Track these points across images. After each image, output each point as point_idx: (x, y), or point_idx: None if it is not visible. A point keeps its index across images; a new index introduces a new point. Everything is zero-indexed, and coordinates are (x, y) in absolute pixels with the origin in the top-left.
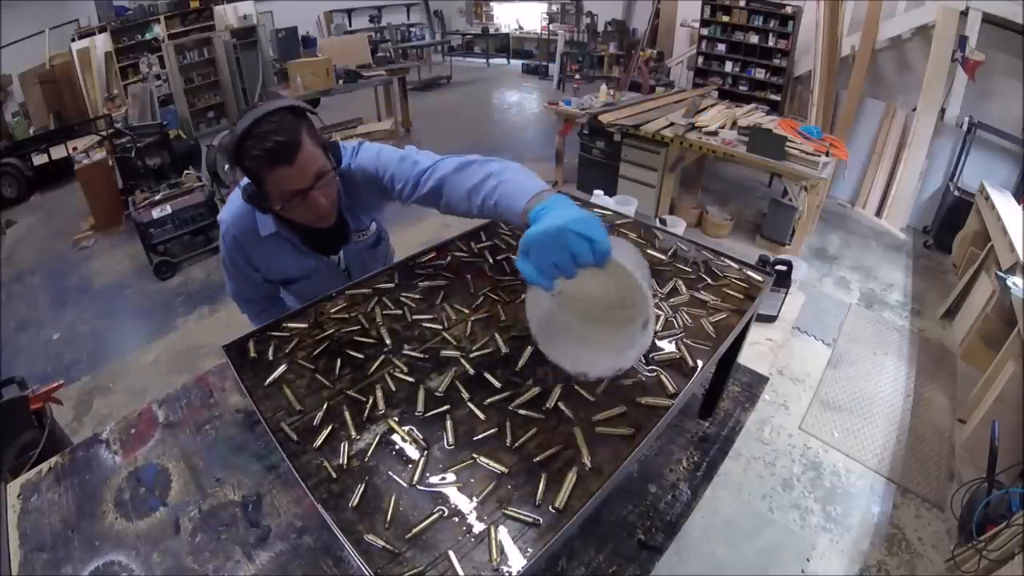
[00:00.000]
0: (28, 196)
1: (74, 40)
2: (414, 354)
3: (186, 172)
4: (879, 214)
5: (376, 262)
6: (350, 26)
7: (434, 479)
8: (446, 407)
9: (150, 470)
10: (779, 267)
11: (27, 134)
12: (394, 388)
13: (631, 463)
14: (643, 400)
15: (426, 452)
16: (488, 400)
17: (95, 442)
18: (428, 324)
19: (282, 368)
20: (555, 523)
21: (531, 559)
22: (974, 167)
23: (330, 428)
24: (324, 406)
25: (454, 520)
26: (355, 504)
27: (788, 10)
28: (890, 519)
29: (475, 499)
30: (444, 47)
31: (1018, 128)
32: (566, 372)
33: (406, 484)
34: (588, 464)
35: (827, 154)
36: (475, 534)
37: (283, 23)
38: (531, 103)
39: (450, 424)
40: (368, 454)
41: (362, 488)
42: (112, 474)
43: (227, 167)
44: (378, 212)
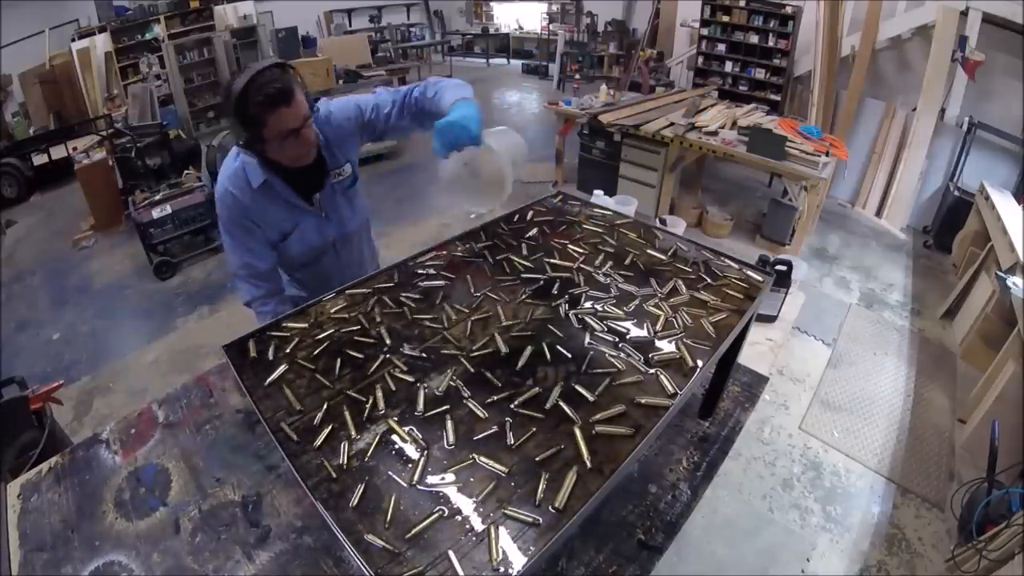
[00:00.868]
0: (28, 196)
1: (74, 40)
2: (414, 354)
3: (186, 172)
4: (879, 214)
5: (353, 213)
6: (350, 26)
7: (434, 479)
8: (446, 407)
9: (150, 470)
10: (779, 267)
11: (27, 134)
12: (394, 388)
13: (631, 463)
14: (643, 400)
15: (426, 452)
16: (488, 400)
17: (95, 442)
18: (428, 324)
19: (282, 368)
20: (555, 523)
21: (531, 559)
22: (974, 167)
23: (330, 428)
24: (324, 406)
25: (454, 520)
26: (355, 504)
27: (788, 10)
28: (890, 519)
29: (475, 499)
30: (444, 47)
31: (1018, 128)
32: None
33: (406, 484)
34: (588, 464)
35: (827, 154)
36: (475, 534)
37: (283, 23)
38: (531, 103)
39: (450, 424)
40: (368, 454)
41: (362, 488)
42: (112, 474)
43: (235, 127)
44: (352, 152)
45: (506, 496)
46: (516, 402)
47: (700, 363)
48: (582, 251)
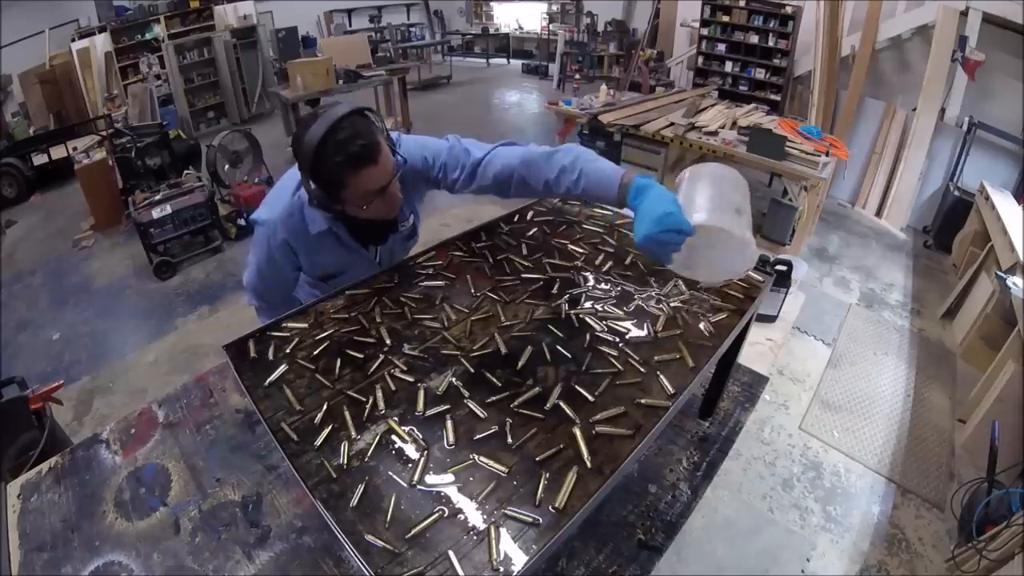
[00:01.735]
0: (28, 196)
1: (74, 40)
2: (414, 354)
3: (186, 172)
4: (879, 214)
5: (405, 254)
6: (350, 26)
7: (434, 479)
8: (446, 407)
9: (150, 470)
10: (779, 267)
11: (27, 134)
12: (394, 388)
13: (631, 463)
14: (643, 400)
15: (426, 452)
16: (488, 400)
17: (95, 442)
18: (428, 324)
19: (282, 368)
20: (555, 523)
21: (531, 559)
22: (974, 167)
23: (330, 428)
24: (324, 406)
25: (454, 520)
26: (355, 504)
27: (788, 10)
28: (890, 519)
29: (475, 499)
30: (444, 47)
31: (1018, 128)
32: (574, 369)
33: (406, 484)
34: (588, 464)
35: (827, 154)
36: (475, 534)
37: (283, 23)
38: (531, 103)
39: (450, 424)
40: (368, 454)
41: (362, 488)
42: (112, 474)
43: (307, 182)
44: (419, 202)
45: (506, 496)
46: (516, 402)
47: (700, 363)
48: (582, 251)
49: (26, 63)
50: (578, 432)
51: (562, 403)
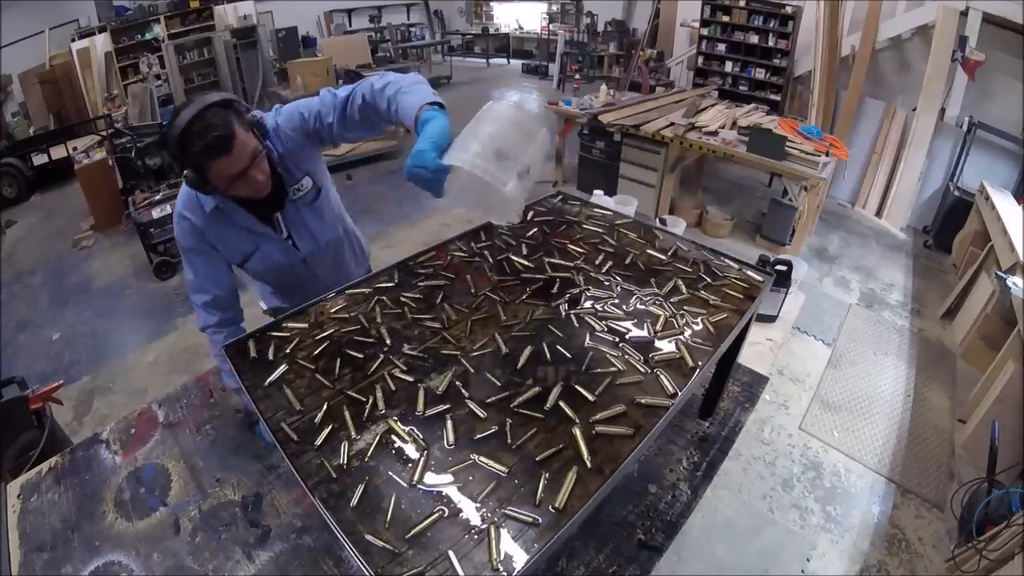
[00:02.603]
0: (28, 196)
1: (74, 40)
2: (414, 354)
3: (186, 172)
4: (879, 214)
5: (322, 224)
6: (350, 26)
7: (434, 479)
8: (446, 407)
9: (150, 470)
10: (779, 267)
11: (27, 134)
12: (394, 388)
13: (631, 463)
14: (643, 400)
15: (426, 452)
16: (488, 399)
17: (95, 442)
18: (428, 324)
19: (282, 368)
20: (555, 523)
21: (531, 559)
22: (974, 167)
23: (330, 428)
24: (324, 406)
25: (454, 520)
26: (355, 504)
27: (788, 10)
28: (890, 519)
29: (475, 499)
30: (444, 47)
31: (1018, 128)
32: (566, 372)
33: (406, 484)
34: (588, 464)
35: (827, 154)
36: (475, 534)
37: (283, 23)
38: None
39: (450, 424)
40: (368, 454)
41: (362, 488)
42: (112, 474)
43: (179, 166)
44: (309, 163)
45: (506, 496)
46: (516, 402)
47: (700, 363)
48: (582, 251)
49: (26, 63)
50: (578, 432)
51: (562, 403)
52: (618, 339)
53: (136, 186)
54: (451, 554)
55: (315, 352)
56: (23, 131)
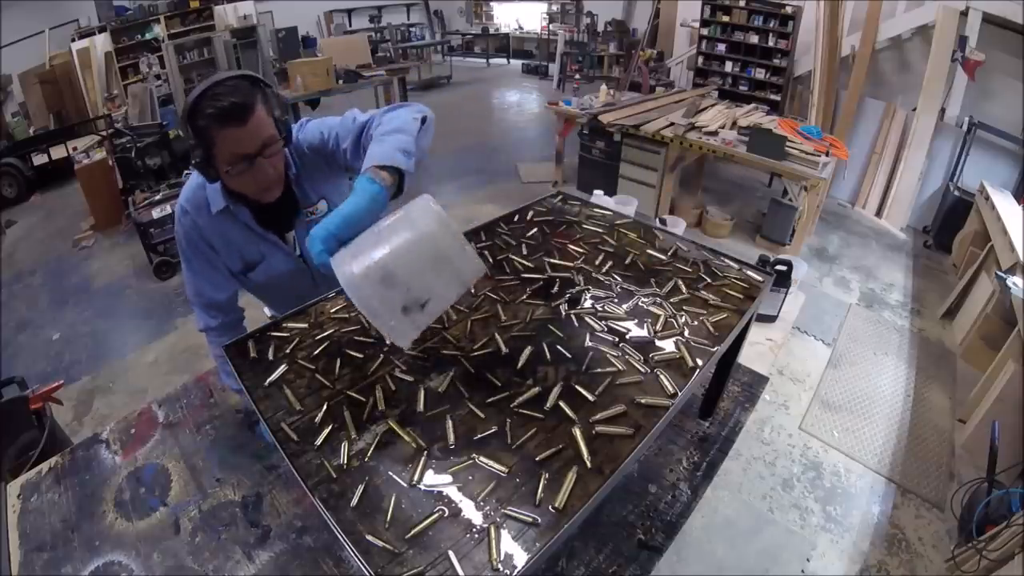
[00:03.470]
0: (28, 196)
1: (74, 40)
2: (414, 354)
3: (186, 172)
4: (879, 214)
5: None
6: (350, 26)
7: (434, 479)
8: (446, 407)
9: (150, 470)
10: (779, 267)
11: (27, 134)
12: (394, 388)
13: (631, 463)
14: (643, 400)
15: (426, 452)
16: (488, 400)
17: (95, 442)
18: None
19: (282, 368)
20: (555, 523)
21: (531, 559)
22: (974, 167)
23: (330, 428)
24: (324, 406)
25: (454, 520)
26: (355, 504)
27: (788, 10)
28: (890, 519)
29: (475, 499)
30: (444, 47)
31: (1018, 128)
32: (563, 372)
33: (406, 484)
34: (588, 464)
35: (827, 154)
36: (475, 534)
37: (283, 23)
38: (531, 103)
39: (450, 424)
40: (368, 454)
41: (362, 488)
42: (112, 474)
43: (186, 132)
44: (328, 187)
45: (506, 496)
46: (516, 402)
47: (700, 363)
48: (582, 251)
49: (26, 63)
50: (578, 432)
51: (562, 403)
52: (618, 339)
53: (136, 186)
54: (451, 554)
55: (315, 352)
56: (23, 131)
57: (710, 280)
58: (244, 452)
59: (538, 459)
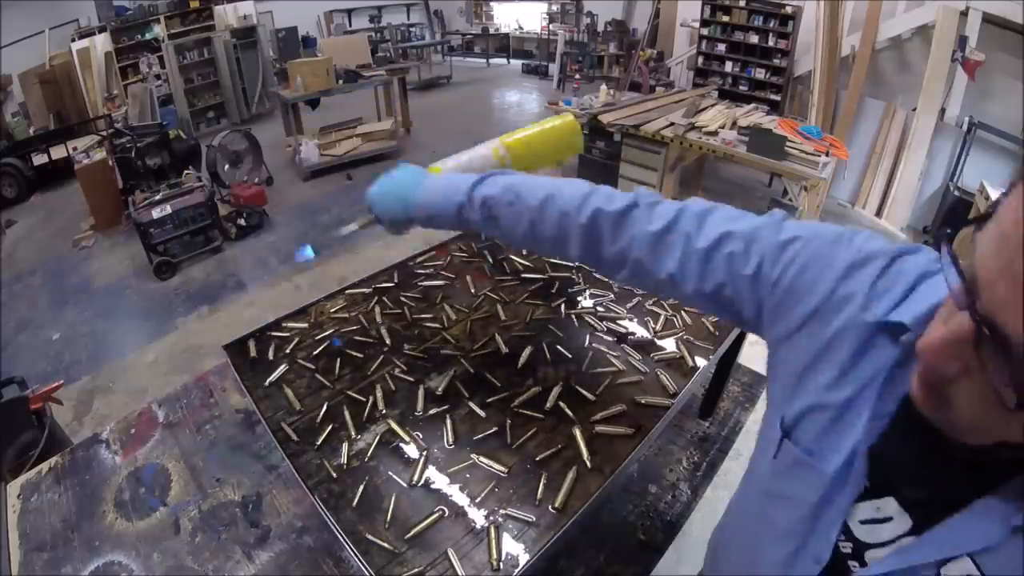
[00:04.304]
0: (28, 196)
1: (74, 40)
2: (414, 354)
3: (186, 172)
4: (879, 214)
5: None
6: (350, 26)
7: (434, 479)
8: (446, 407)
9: (150, 470)
10: None
11: (27, 134)
12: (394, 388)
13: (631, 463)
14: (643, 400)
15: (426, 452)
16: (488, 400)
17: (95, 442)
18: (428, 324)
19: (282, 368)
20: (555, 523)
21: (531, 559)
22: (974, 167)
23: (330, 428)
24: (324, 406)
25: (454, 520)
26: (355, 504)
27: (788, 10)
28: None
29: (475, 499)
30: (444, 47)
31: (1018, 128)
32: (564, 372)
33: (406, 484)
34: (588, 464)
35: (827, 154)
36: (475, 534)
37: (283, 23)
38: (531, 103)
39: (450, 424)
40: (368, 454)
41: (362, 488)
42: (112, 474)
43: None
44: None
45: (506, 496)
46: (516, 402)
47: (700, 363)
48: None
49: (26, 63)
50: (578, 432)
51: (562, 403)
52: (618, 339)
53: (136, 186)
54: (451, 554)
55: (315, 352)
56: (23, 131)
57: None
58: (244, 452)
59: (538, 459)
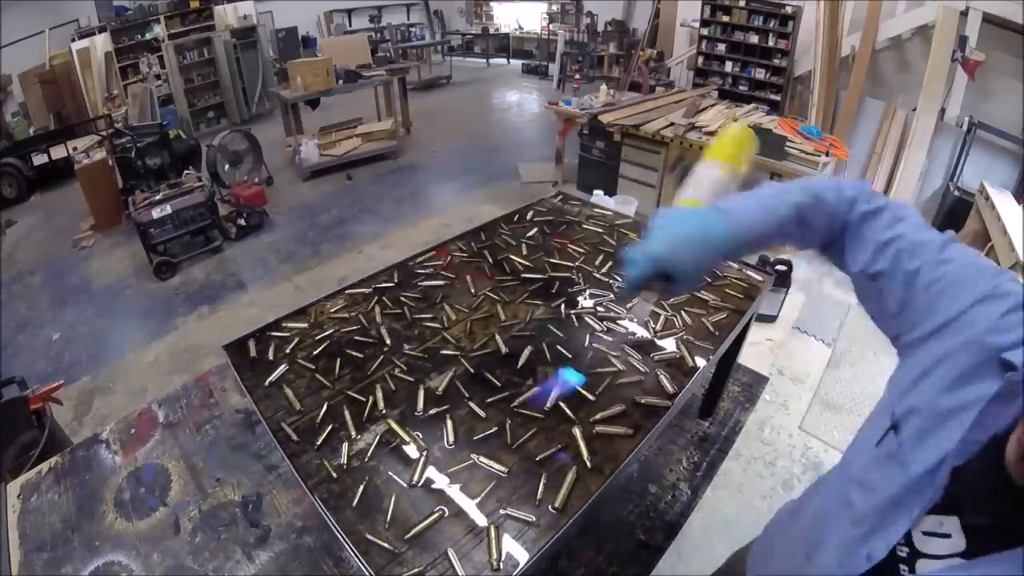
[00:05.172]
0: (28, 196)
1: (74, 40)
2: (414, 354)
3: (186, 172)
4: None
5: None
6: (350, 26)
7: (434, 479)
8: (446, 407)
9: (150, 470)
10: (779, 267)
11: (27, 134)
12: (394, 388)
13: (631, 463)
14: (643, 400)
15: (426, 452)
16: (488, 399)
17: (95, 442)
18: (428, 324)
19: (282, 368)
20: (554, 523)
21: (531, 558)
22: (974, 167)
23: (330, 428)
24: (324, 406)
25: (454, 520)
26: (355, 504)
27: (788, 10)
28: None
29: (475, 499)
30: (444, 47)
31: (1018, 128)
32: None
33: (406, 484)
34: (588, 464)
35: (827, 154)
36: (475, 534)
37: (283, 23)
38: (531, 103)
39: (450, 424)
40: (368, 454)
41: (362, 488)
42: (112, 474)
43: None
44: None
45: (506, 496)
46: (516, 402)
47: (700, 363)
48: (582, 251)
49: (26, 63)
50: (578, 432)
51: (562, 403)
52: (618, 339)
53: (136, 186)
54: (451, 554)
55: (315, 352)
56: (23, 131)
57: (710, 280)
58: (244, 452)
59: (538, 459)
